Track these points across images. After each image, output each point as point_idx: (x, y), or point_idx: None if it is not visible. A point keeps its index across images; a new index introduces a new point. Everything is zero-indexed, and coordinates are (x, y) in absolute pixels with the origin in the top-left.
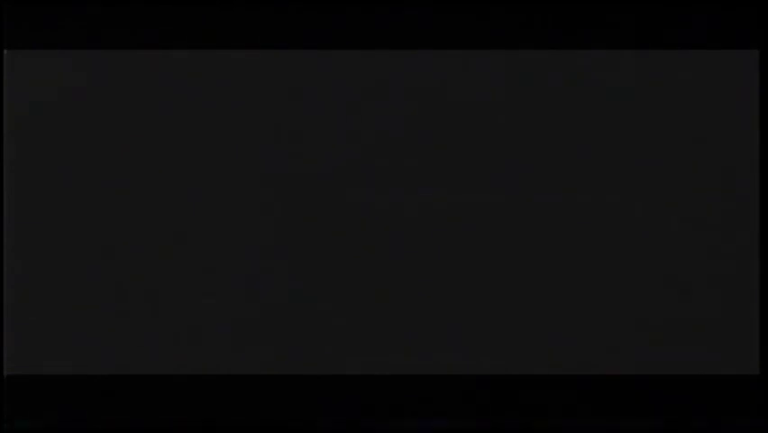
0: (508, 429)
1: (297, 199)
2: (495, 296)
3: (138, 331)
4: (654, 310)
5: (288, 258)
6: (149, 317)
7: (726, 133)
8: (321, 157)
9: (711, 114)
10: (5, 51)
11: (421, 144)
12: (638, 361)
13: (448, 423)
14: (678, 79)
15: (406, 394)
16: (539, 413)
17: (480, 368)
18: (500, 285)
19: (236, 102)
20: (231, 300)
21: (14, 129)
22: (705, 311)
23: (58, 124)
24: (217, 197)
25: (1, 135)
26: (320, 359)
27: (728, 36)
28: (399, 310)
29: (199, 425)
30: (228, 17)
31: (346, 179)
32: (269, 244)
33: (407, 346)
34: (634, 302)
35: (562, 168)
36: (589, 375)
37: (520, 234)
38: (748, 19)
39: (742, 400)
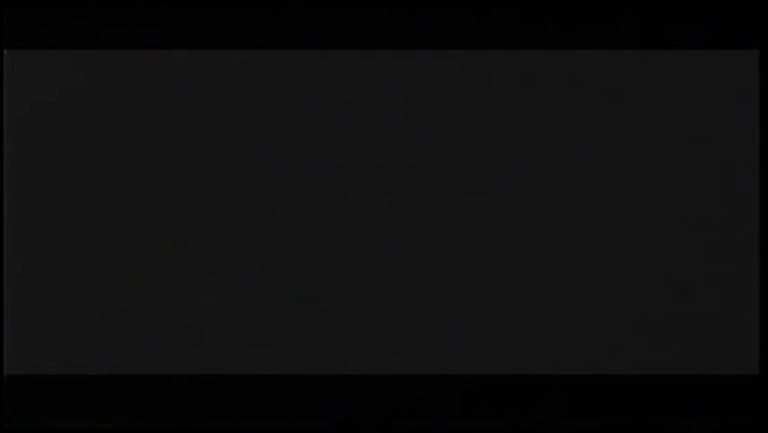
0: (508, 429)
1: (297, 199)
2: (495, 296)
3: (138, 331)
4: (654, 310)
5: (288, 258)
6: (149, 317)
7: (726, 133)
8: (321, 157)
9: (711, 114)
10: (5, 51)
11: (421, 144)
12: (638, 361)
13: (448, 423)
14: (678, 79)
15: (407, 394)
16: (539, 413)
17: (480, 368)
18: (500, 285)
19: (236, 102)
20: (231, 300)
21: (14, 129)
22: (705, 311)
23: (58, 124)
24: (217, 197)
25: (1, 135)
26: (320, 359)
27: (728, 36)
28: (399, 310)
29: (199, 425)
30: (228, 17)
31: (346, 179)
32: (269, 244)
33: (407, 346)
34: (634, 302)
35: (562, 168)
36: (589, 375)
37: (520, 234)
38: (748, 19)
39: (742, 400)
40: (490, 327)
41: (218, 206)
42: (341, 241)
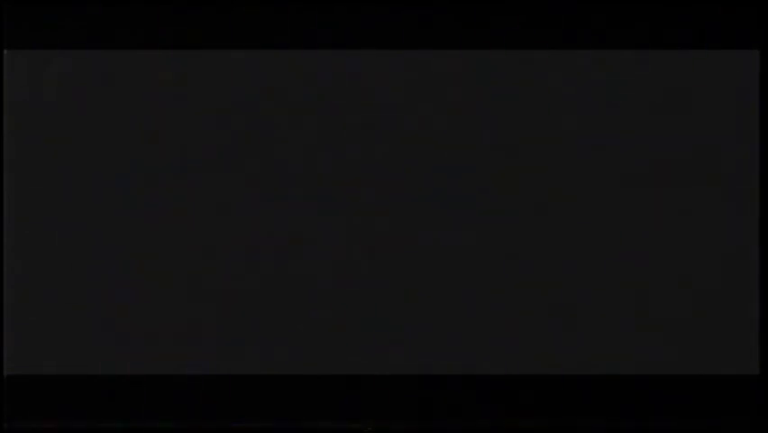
0: (508, 429)
1: (297, 199)
2: (495, 296)
3: (138, 331)
4: (654, 310)
5: (289, 258)
6: (149, 317)
7: (726, 133)
8: (321, 157)
9: (711, 114)
10: (5, 51)
11: (421, 144)
12: (638, 361)
13: (448, 423)
14: (678, 79)
15: (407, 394)
16: (539, 413)
17: (481, 368)
18: (500, 285)
19: (236, 102)
20: (231, 301)
21: (14, 129)
22: (705, 311)
23: (58, 124)
24: (217, 196)
25: (1, 135)
26: (320, 359)
27: (728, 36)
28: (399, 310)
29: (199, 425)
30: (228, 17)
31: (347, 179)
32: (269, 244)
33: (407, 346)
34: (634, 302)
35: (562, 168)
36: (589, 375)
37: (520, 234)
38: (748, 19)
39: (742, 400)
40: (491, 328)
41: (218, 206)
42: (341, 241)
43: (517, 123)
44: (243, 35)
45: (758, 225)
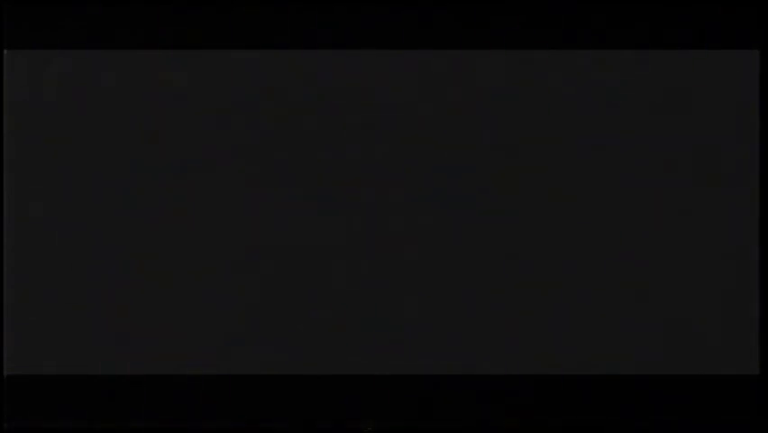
0: (509, 429)
1: (297, 199)
2: (495, 296)
3: (138, 331)
4: (654, 310)
5: (288, 258)
6: (149, 317)
7: (726, 133)
8: (321, 157)
9: (711, 114)
10: (5, 51)
11: (421, 144)
12: (638, 361)
13: (448, 423)
14: (678, 79)
15: (407, 394)
16: (539, 413)
17: (480, 368)
18: (500, 285)
19: (236, 102)
20: (230, 301)
21: (14, 129)
22: (705, 311)
23: (58, 124)
24: (217, 197)
25: (1, 135)
26: (320, 359)
27: (728, 36)
28: (399, 310)
29: (199, 425)
30: (228, 17)
31: (347, 178)
32: (269, 244)
33: (407, 346)
34: (634, 302)
35: (561, 168)
36: (589, 375)
37: (519, 234)
38: (748, 19)
39: (742, 400)
40: (490, 328)
41: (218, 206)
42: (341, 241)
43: (517, 123)
44: (243, 35)
45: (758, 225)
